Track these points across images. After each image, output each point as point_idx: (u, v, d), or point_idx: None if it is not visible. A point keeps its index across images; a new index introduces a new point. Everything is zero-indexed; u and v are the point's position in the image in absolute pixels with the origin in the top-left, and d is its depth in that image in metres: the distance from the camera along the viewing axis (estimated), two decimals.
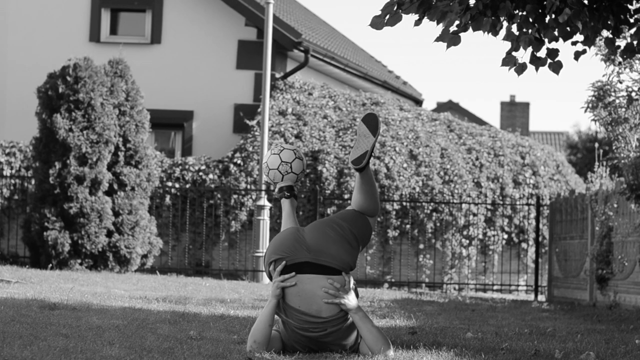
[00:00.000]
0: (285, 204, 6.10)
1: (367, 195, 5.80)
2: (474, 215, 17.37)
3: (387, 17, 5.76)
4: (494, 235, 17.51)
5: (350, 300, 5.62)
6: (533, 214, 17.35)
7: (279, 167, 6.02)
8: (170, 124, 18.88)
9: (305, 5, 34.79)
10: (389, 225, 17.04)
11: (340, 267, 5.67)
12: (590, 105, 10.75)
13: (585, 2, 5.91)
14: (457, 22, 5.78)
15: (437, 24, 5.79)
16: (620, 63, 10.10)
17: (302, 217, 16.79)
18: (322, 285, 5.61)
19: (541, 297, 16.08)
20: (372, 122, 5.74)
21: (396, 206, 17.04)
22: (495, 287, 17.33)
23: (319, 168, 16.99)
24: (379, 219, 17.02)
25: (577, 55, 6.11)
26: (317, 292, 5.60)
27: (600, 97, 10.64)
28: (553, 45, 5.96)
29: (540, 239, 16.80)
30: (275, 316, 5.70)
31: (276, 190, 6.12)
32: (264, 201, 15.62)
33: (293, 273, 5.61)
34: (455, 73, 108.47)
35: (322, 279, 5.62)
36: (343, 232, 5.71)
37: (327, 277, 5.62)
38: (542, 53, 5.96)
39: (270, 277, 5.77)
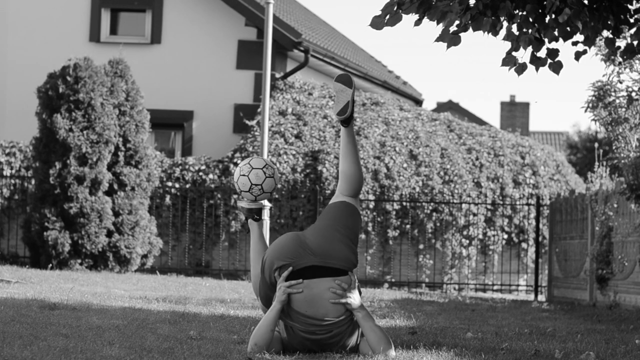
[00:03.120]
0: (254, 225, 6.02)
1: (353, 158, 5.85)
2: (474, 215, 17.37)
3: (387, 17, 5.76)
4: (494, 235, 17.51)
5: (355, 298, 5.62)
6: (533, 214, 17.35)
7: (251, 190, 5.85)
8: (170, 124, 18.88)
9: (305, 5, 34.82)
10: (389, 225, 17.03)
11: (347, 268, 5.66)
12: (590, 105, 10.75)
13: (585, 2, 5.91)
14: (457, 22, 5.78)
15: (437, 24, 5.79)
16: (620, 63, 10.10)
17: (302, 217, 16.80)
18: (329, 287, 5.60)
19: (541, 297, 16.08)
20: (345, 79, 5.84)
21: (396, 206, 17.04)
22: (495, 287, 17.33)
23: (319, 168, 16.99)
24: (379, 219, 17.02)
25: (578, 55, 6.11)
26: (324, 295, 5.59)
27: (600, 97, 10.64)
28: (553, 45, 5.96)
29: (540, 239, 16.80)
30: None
31: (243, 209, 5.97)
32: (264, 201, 15.62)
33: (300, 280, 5.60)
34: (455, 73, 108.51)
35: (329, 281, 5.60)
36: (346, 232, 5.70)
37: (334, 278, 5.61)
38: (542, 53, 5.97)
39: (269, 282, 5.73)
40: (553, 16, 5.81)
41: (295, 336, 5.64)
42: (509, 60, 5.93)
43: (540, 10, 5.84)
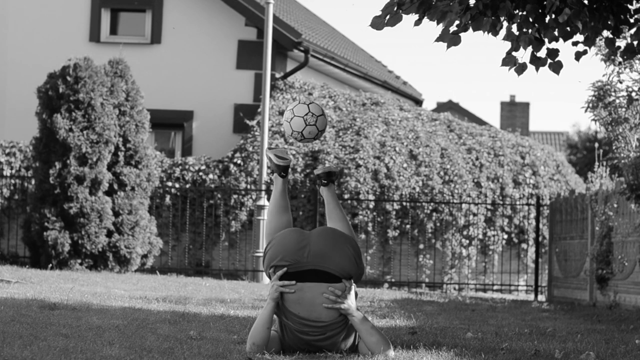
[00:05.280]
0: (279, 181, 6.13)
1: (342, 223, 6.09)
2: (474, 215, 17.37)
3: (388, 17, 5.76)
4: (494, 235, 17.51)
5: (350, 304, 5.61)
6: (533, 214, 17.35)
7: (306, 118, 6.07)
8: (170, 124, 18.88)
9: (305, 5, 34.81)
10: (389, 225, 17.03)
11: (341, 275, 5.66)
12: (590, 105, 10.75)
13: (585, 2, 5.91)
14: (457, 22, 5.78)
15: (437, 24, 5.79)
16: (620, 63, 10.10)
17: (302, 217, 16.79)
18: (323, 292, 5.60)
19: (541, 297, 16.08)
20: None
21: (396, 206, 17.04)
22: (495, 287, 17.33)
23: None
24: (379, 219, 17.02)
25: (578, 55, 6.11)
26: (317, 299, 5.59)
27: (601, 97, 10.65)
28: (553, 45, 5.97)
29: (540, 239, 16.80)
30: (274, 316, 5.70)
31: (272, 164, 6.13)
32: (263, 201, 15.61)
33: (294, 282, 5.60)
34: (455, 73, 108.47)
35: (322, 287, 5.61)
36: (354, 249, 5.73)
37: (328, 285, 5.61)
38: (542, 53, 5.97)
39: (266, 273, 5.78)
40: (553, 16, 5.81)
41: (290, 334, 5.65)
42: (509, 60, 5.93)
43: (540, 10, 5.84)
